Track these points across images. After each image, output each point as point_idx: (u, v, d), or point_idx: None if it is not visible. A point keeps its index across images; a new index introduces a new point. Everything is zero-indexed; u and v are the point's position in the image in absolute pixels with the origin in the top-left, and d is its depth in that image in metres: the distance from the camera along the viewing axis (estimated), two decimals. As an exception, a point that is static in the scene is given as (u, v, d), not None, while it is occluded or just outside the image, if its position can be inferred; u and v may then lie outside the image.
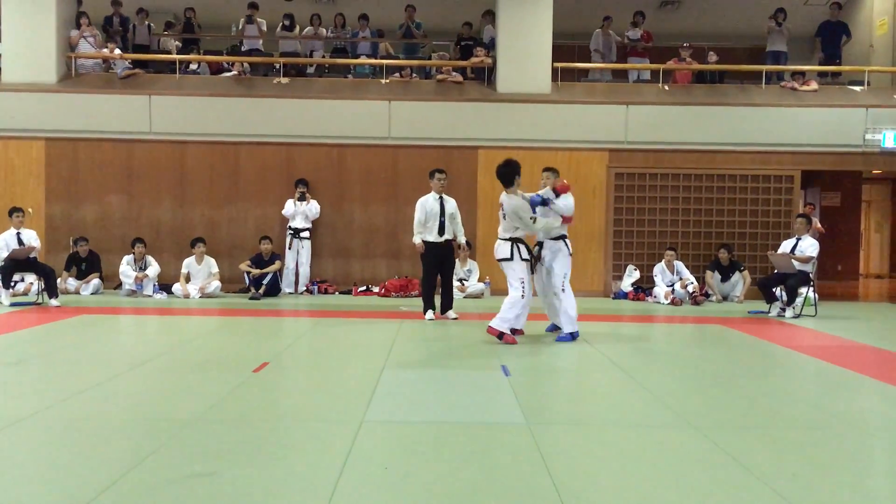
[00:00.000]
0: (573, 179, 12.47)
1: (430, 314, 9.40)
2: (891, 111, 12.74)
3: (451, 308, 9.47)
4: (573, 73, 13.70)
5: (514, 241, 7.64)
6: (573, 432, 4.45)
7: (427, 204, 9.28)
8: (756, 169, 12.75)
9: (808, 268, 10.32)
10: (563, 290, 7.77)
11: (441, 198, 9.33)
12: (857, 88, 13.41)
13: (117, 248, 12.18)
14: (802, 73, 13.41)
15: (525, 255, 7.65)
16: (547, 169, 8.25)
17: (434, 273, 9.46)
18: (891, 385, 5.88)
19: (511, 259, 7.62)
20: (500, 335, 7.53)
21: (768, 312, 10.49)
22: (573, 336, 7.77)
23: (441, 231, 9.27)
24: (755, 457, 3.95)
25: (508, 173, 7.62)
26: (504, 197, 7.65)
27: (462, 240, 9.76)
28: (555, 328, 8.15)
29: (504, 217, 7.65)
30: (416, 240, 9.33)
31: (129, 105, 12.51)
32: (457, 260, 12.18)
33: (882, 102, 12.88)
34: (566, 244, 7.90)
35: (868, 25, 15.80)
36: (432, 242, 9.29)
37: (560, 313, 7.83)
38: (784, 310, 10.28)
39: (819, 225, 12.94)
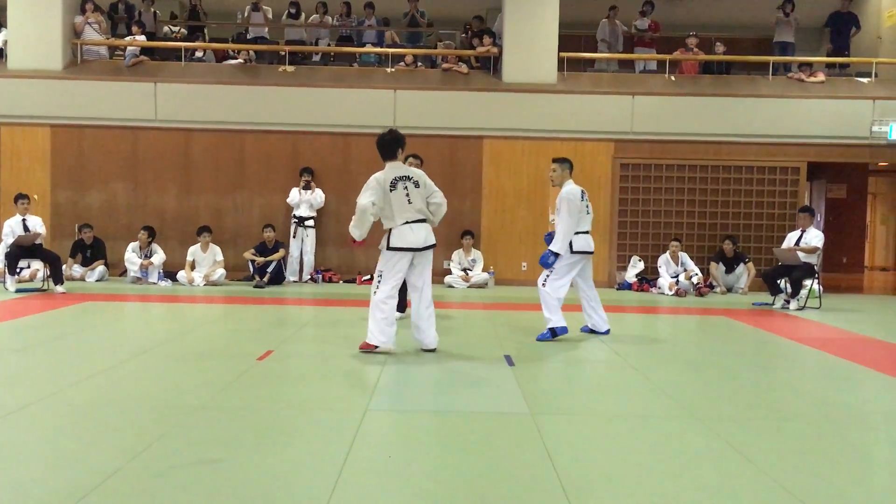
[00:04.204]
0: (578, 169, 12.43)
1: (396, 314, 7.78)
2: (898, 103, 12.69)
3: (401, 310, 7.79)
4: (579, 63, 13.65)
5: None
6: (577, 422, 4.46)
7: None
8: (762, 160, 12.71)
9: (814, 260, 10.30)
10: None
11: None
12: (865, 80, 13.35)
13: (123, 236, 12.20)
14: (810, 65, 13.34)
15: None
16: (557, 160, 7.50)
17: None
18: (894, 378, 5.88)
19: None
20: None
21: (773, 304, 10.48)
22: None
23: None
24: (759, 448, 3.95)
25: (393, 142, 6.43)
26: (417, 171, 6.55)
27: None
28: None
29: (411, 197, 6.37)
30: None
31: (135, 92, 12.51)
32: (461, 249, 12.23)
33: (889, 94, 12.82)
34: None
35: (876, 16, 15.69)
36: None
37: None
38: (789, 302, 10.27)
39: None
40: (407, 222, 6.32)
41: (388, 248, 6.33)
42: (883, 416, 4.88)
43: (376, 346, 6.33)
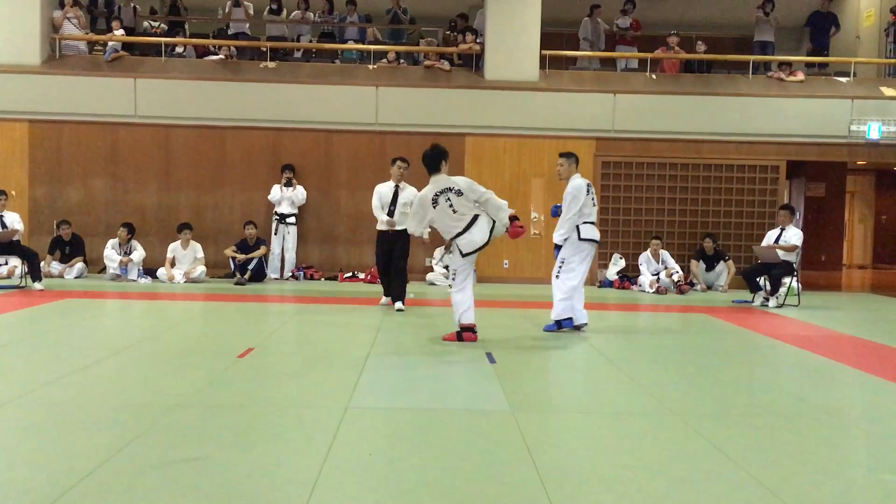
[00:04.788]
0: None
1: (384, 300, 9.29)
2: (876, 103, 12.82)
3: (400, 299, 8.95)
4: (561, 61, 13.69)
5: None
6: (557, 419, 4.47)
7: (381, 191, 9.19)
8: (742, 159, 12.80)
9: (792, 258, 10.39)
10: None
11: (397, 187, 9.13)
12: (843, 80, 13.48)
13: (102, 232, 12.11)
14: (789, 64, 13.44)
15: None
16: (564, 154, 7.83)
17: (382, 261, 9.20)
18: (871, 375, 5.94)
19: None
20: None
21: (752, 302, 10.57)
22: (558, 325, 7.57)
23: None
24: (736, 445, 3.99)
25: (435, 157, 6.99)
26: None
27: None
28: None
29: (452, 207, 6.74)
30: (382, 218, 9.09)
31: (114, 88, 12.40)
32: (442, 247, 12.23)
33: (867, 94, 12.95)
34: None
35: (855, 16, 15.87)
36: (381, 230, 9.15)
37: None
38: (768, 299, 10.36)
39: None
40: (465, 230, 6.72)
41: (463, 256, 6.82)
42: (859, 412, 4.94)
43: (473, 325, 6.86)
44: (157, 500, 3.11)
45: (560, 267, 7.48)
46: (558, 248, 7.54)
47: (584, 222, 7.49)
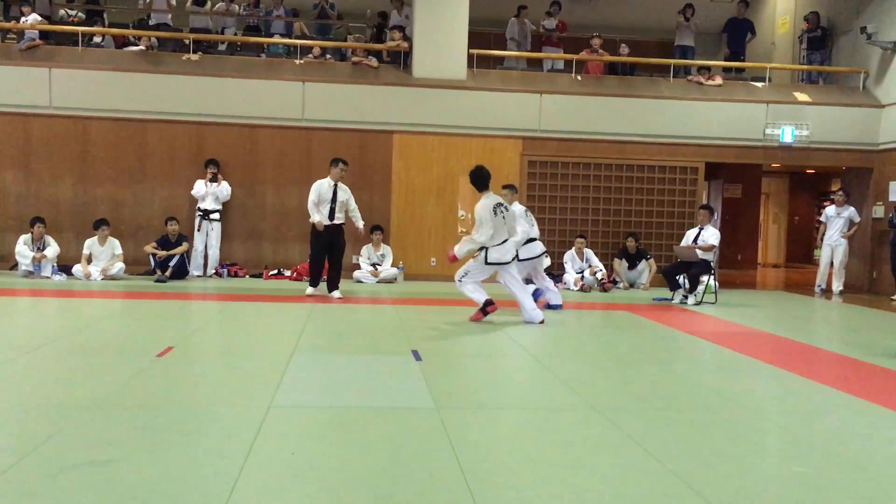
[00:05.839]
0: (488, 166, 12.59)
1: (310, 290, 10.02)
2: (790, 107, 13.29)
3: (336, 288, 10.03)
4: (489, 61, 13.77)
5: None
6: (481, 416, 4.50)
7: (321, 188, 9.85)
8: (663, 160, 13.11)
9: (710, 257, 10.69)
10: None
11: (336, 185, 9.86)
12: (759, 84, 13.93)
13: (13, 227, 11.65)
14: (708, 68, 13.83)
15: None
16: (506, 186, 9.28)
17: (321, 254, 9.99)
18: (784, 370, 6.16)
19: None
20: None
21: (672, 299, 10.84)
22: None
23: (331, 216, 9.83)
24: (654, 438, 4.08)
25: (484, 177, 8.06)
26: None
27: (360, 225, 10.17)
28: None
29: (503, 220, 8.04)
30: (315, 218, 9.81)
31: (28, 77, 11.92)
32: (370, 245, 12.18)
33: (782, 98, 13.42)
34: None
35: (771, 23, 16.44)
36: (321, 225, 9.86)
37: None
38: (686, 297, 10.64)
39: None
40: (503, 241, 7.95)
41: (486, 263, 7.96)
42: (770, 405, 5.12)
43: (486, 302, 7.96)
44: (68, 504, 3.01)
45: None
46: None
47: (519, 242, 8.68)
